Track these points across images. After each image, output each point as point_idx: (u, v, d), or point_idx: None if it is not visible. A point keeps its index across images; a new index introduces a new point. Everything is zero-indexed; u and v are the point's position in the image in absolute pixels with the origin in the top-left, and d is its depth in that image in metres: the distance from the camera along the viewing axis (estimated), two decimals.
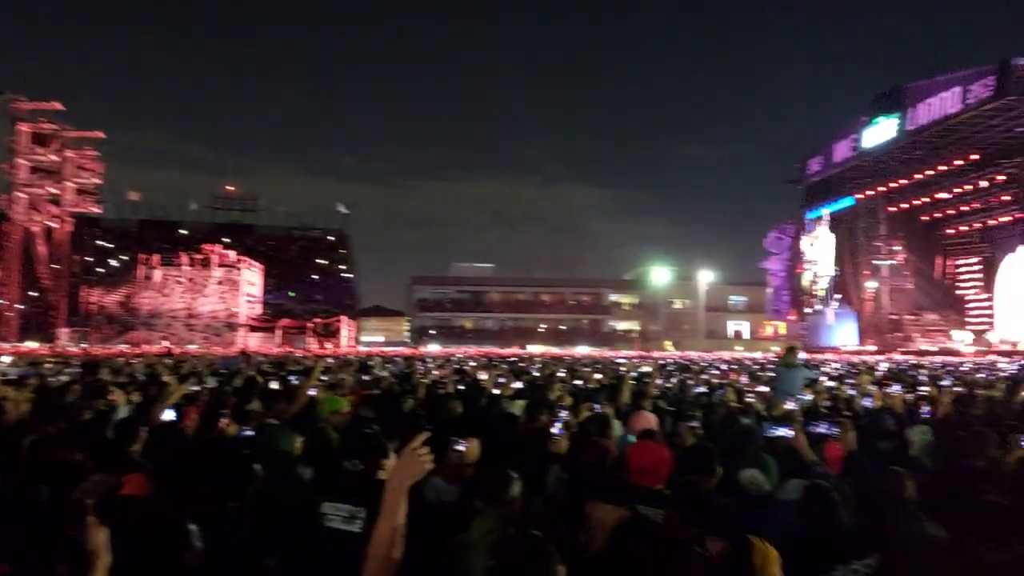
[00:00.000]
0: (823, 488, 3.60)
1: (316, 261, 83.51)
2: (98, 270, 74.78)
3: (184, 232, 79.93)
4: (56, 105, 67.41)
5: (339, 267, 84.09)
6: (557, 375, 12.80)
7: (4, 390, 7.12)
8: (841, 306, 54.73)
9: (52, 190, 68.92)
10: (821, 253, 56.97)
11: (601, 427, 5.87)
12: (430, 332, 75.11)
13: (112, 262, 75.86)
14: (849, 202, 52.84)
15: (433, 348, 54.45)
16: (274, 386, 8.40)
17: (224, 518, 3.40)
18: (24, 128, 66.09)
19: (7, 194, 66.96)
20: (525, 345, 62.60)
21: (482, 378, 10.45)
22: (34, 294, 69.70)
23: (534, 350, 51.72)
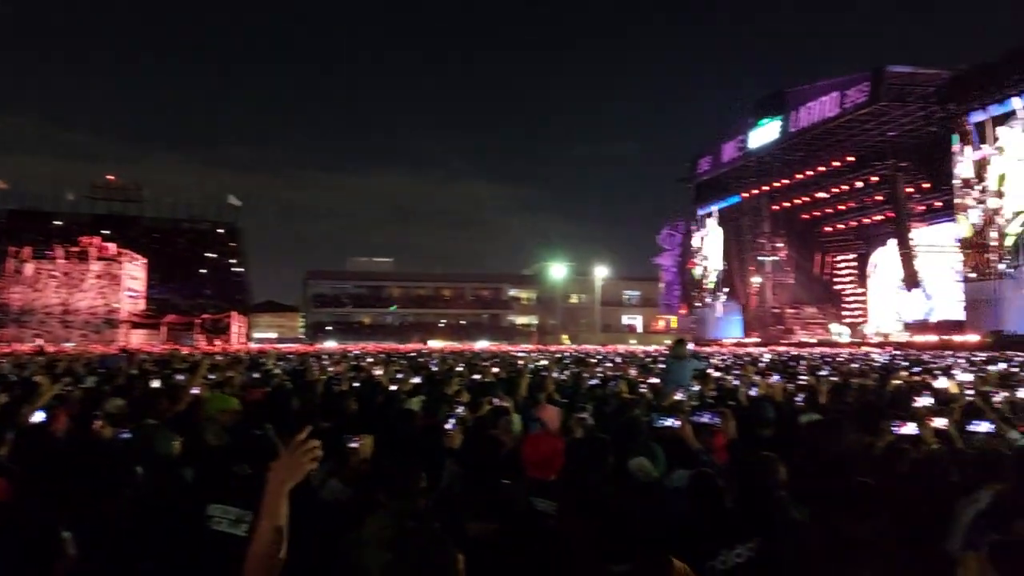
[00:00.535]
0: (708, 476, 3.73)
1: (205, 255, 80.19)
2: None
3: (59, 223, 75.19)
4: None
5: (229, 261, 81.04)
6: (456, 370, 12.79)
7: None
8: (728, 300, 56.98)
9: None
10: (710, 249, 59.16)
11: (501, 420, 5.91)
12: (327, 328, 73.57)
13: None
14: (736, 200, 55.04)
15: (330, 344, 53.38)
16: (156, 385, 8.01)
17: (100, 522, 3.23)
18: None
19: None
20: (425, 340, 62.24)
21: (377, 374, 10.31)
22: None
23: (434, 345, 51.49)
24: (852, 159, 44.94)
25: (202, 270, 78.73)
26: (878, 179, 44.48)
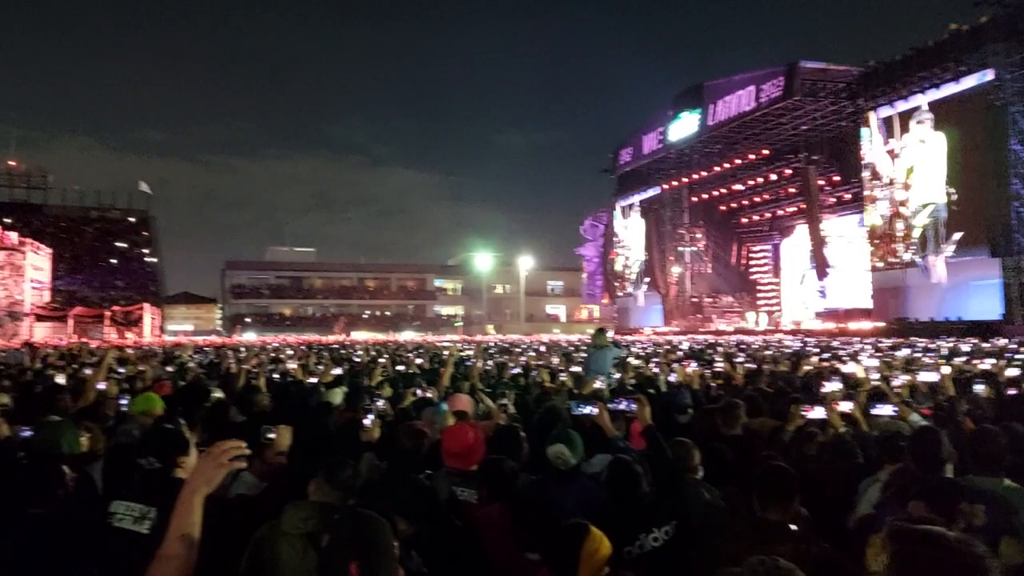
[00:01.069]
0: (627, 462, 3.78)
1: (115, 244, 76.94)
2: None
3: None
4: None
5: (142, 251, 77.93)
6: (379, 361, 12.67)
7: None
8: (649, 290, 58.07)
9: None
10: (632, 240, 60.14)
11: (425, 411, 5.87)
12: (245, 320, 71.72)
13: None
14: (657, 192, 56.06)
15: (249, 337, 52.06)
16: (60, 380, 7.65)
17: (23, 525, 3.11)
18: None
19: None
20: (349, 332, 61.42)
21: (291, 367, 10.08)
22: None
23: (358, 337, 50.84)
24: (767, 152, 46.28)
25: (112, 260, 75.53)
26: (791, 172, 45.98)
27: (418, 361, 11.81)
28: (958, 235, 32.73)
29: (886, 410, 5.26)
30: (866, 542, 3.07)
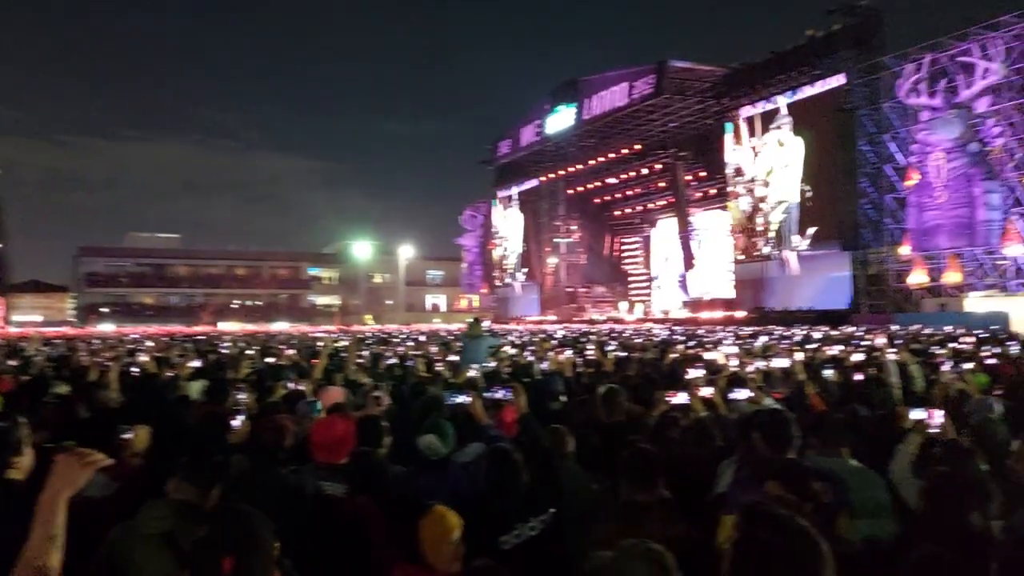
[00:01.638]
0: (506, 451, 3.79)
1: None
2: None
3: None
4: None
5: None
6: (247, 353, 12.21)
7: None
8: (527, 280, 58.91)
9: None
10: (510, 231, 60.77)
11: (298, 405, 5.70)
12: (101, 310, 67.36)
13: None
14: (534, 184, 56.85)
15: (106, 327, 48.99)
16: None
17: None
18: None
19: None
20: (216, 322, 58.92)
21: (143, 360, 9.51)
22: None
23: (227, 327, 48.81)
24: (639, 147, 47.90)
25: None
26: (661, 167, 47.77)
27: (289, 352, 11.44)
28: (812, 230, 35.02)
29: (743, 394, 5.55)
30: (719, 522, 3.24)
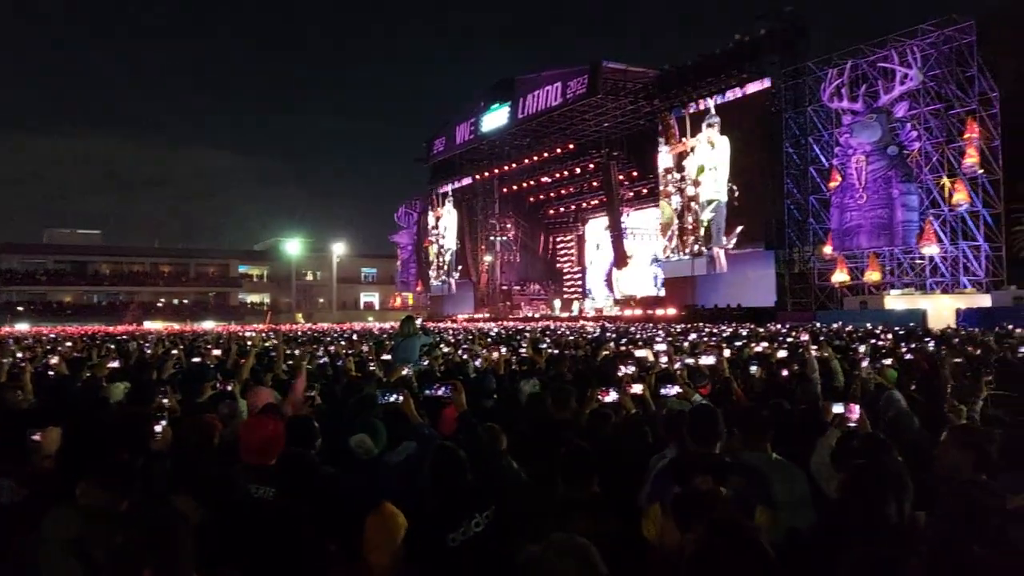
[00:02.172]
0: (451, 449, 3.78)
1: None
2: None
3: None
4: None
5: None
6: (172, 353, 11.86)
7: None
8: (461, 278, 58.82)
9: None
10: (445, 228, 60.57)
11: (222, 405, 5.57)
12: (17, 308, 64.45)
13: None
14: (469, 182, 56.78)
15: (21, 327, 46.88)
16: None
17: None
18: None
19: None
20: (141, 321, 57.07)
21: (54, 361, 9.13)
22: None
23: (152, 326, 47.31)
24: (572, 147, 48.35)
25: None
26: (593, 166, 48.32)
27: (216, 352, 11.15)
28: (739, 229, 35.94)
29: (673, 390, 5.66)
30: (646, 513, 3.31)
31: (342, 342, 16.80)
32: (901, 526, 2.86)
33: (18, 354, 11.71)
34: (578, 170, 49.91)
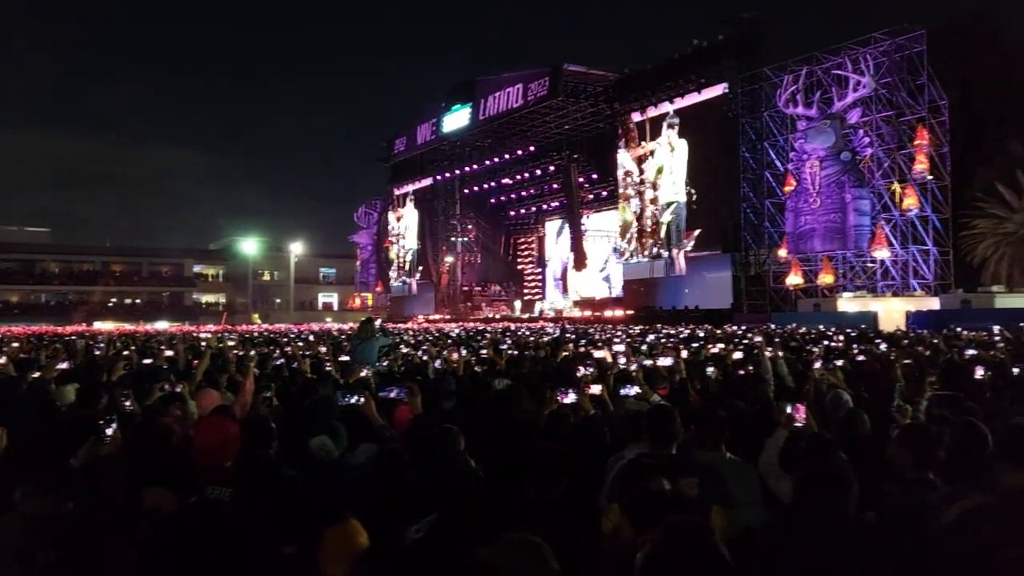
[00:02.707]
0: (394, 452, 3.76)
1: None
2: None
3: None
4: None
5: None
6: (124, 354, 11.60)
7: None
8: (422, 279, 58.60)
9: None
10: (405, 229, 60.27)
11: (172, 407, 5.47)
12: None
13: None
14: (430, 182, 56.61)
15: None
16: None
17: None
18: None
19: None
20: (91, 321, 55.72)
21: (1, 362, 8.85)
22: None
23: (103, 327, 46.24)
24: (533, 148, 48.53)
25: None
26: (554, 168, 48.54)
27: (168, 353, 10.93)
28: (696, 232, 36.41)
29: (632, 391, 5.71)
30: (604, 513, 3.34)
31: (299, 343, 16.61)
32: (848, 526, 2.93)
33: None
34: (539, 172, 50.09)
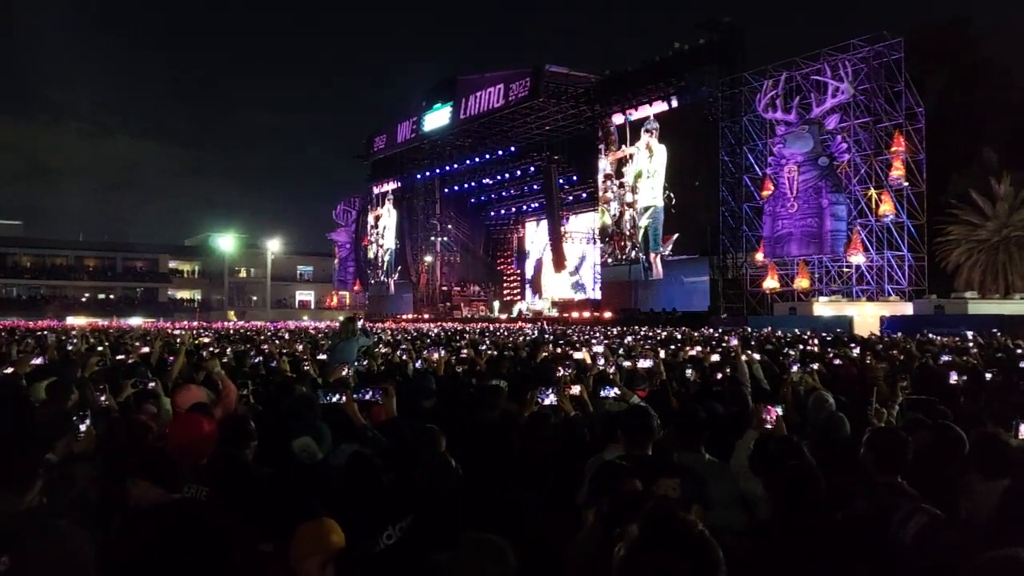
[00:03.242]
0: (364, 456, 3.71)
1: None
2: None
3: None
4: None
5: None
6: (97, 350, 11.46)
7: None
8: (401, 278, 58.37)
9: None
10: (385, 228, 60.01)
11: (145, 404, 5.40)
12: None
13: None
14: (410, 181, 56.41)
15: None
16: None
17: None
18: None
19: None
20: (64, 317, 54.94)
21: None
22: None
23: (75, 322, 45.60)
24: (514, 149, 48.54)
25: None
26: (534, 169, 48.58)
27: (144, 350, 10.80)
28: (675, 236, 36.60)
29: (612, 392, 5.72)
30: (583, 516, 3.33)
31: (276, 341, 16.48)
32: (818, 527, 2.94)
33: None
34: (519, 173, 50.11)
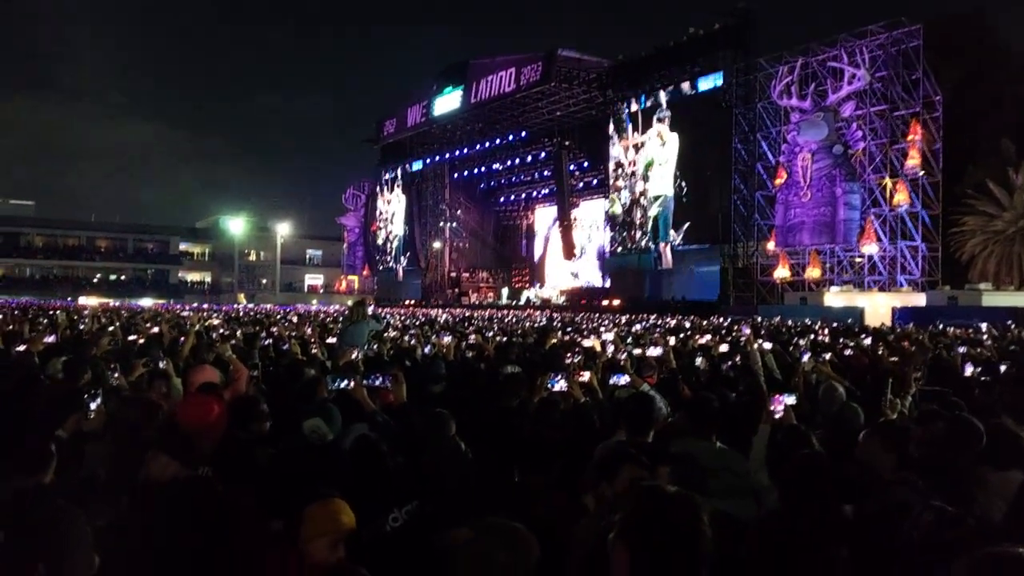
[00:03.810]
0: (370, 439, 3.70)
1: None
2: None
3: None
4: None
5: None
6: (109, 329, 11.49)
7: None
8: (409, 263, 58.39)
9: None
10: (394, 213, 59.97)
11: (155, 384, 5.41)
12: None
13: None
14: (420, 165, 56.26)
15: None
16: None
17: None
18: None
19: None
20: (76, 296, 55.31)
21: None
22: None
23: (87, 302, 45.87)
24: (524, 134, 48.31)
25: None
26: (545, 155, 48.36)
27: (154, 330, 10.82)
28: (686, 225, 36.42)
29: (622, 380, 5.69)
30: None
31: (285, 324, 16.50)
32: (826, 518, 2.90)
33: None
34: (529, 158, 49.89)
